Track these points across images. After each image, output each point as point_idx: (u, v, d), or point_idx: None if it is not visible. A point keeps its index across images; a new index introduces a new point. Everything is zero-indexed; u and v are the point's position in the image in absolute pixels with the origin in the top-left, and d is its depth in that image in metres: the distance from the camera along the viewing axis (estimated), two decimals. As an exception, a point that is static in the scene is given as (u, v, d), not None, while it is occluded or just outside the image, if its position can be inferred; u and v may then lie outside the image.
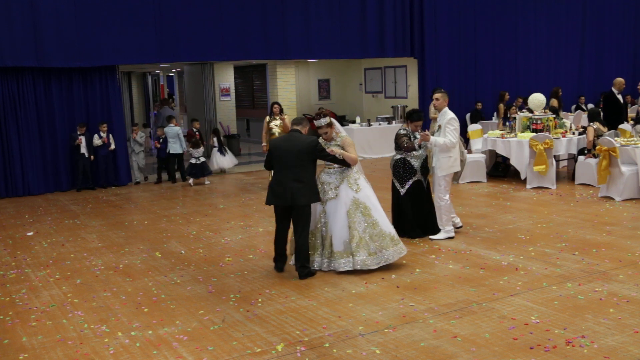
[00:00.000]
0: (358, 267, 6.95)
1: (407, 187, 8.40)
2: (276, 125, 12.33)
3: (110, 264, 7.98)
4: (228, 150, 15.25)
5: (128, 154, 14.29)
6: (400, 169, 8.41)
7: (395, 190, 8.52)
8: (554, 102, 15.40)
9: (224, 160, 14.95)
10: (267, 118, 12.45)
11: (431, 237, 8.44)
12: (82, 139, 13.22)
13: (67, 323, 5.99)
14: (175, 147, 14.23)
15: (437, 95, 8.42)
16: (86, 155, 13.32)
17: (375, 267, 6.97)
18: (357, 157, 7.16)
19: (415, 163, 8.37)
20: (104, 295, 6.76)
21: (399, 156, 8.45)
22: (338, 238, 7.01)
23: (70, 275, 7.55)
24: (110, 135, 13.64)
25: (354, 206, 7.00)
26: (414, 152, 8.35)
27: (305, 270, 6.97)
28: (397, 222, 8.47)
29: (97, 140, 13.38)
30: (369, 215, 7.01)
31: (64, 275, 7.54)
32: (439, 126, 8.30)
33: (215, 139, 14.86)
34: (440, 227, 8.45)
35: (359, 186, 7.09)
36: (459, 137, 8.28)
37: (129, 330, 5.73)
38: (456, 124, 8.16)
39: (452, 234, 8.44)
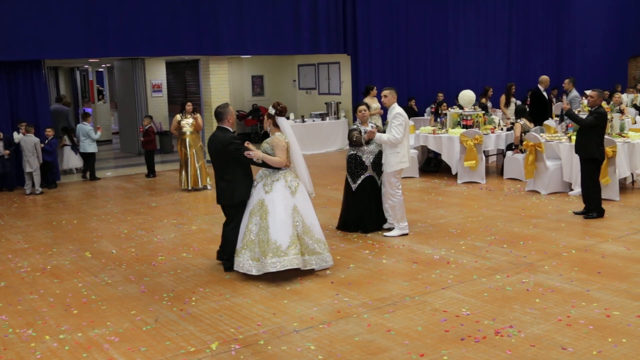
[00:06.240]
0: (240, 270, 6.81)
1: (358, 182, 8.49)
2: (188, 124, 12.26)
3: (37, 265, 7.72)
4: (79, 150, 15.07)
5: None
6: (352, 165, 8.50)
7: (347, 186, 8.61)
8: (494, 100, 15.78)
9: (76, 159, 14.72)
10: (179, 116, 12.36)
11: (385, 234, 8.47)
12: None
13: (-10, 328, 5.77)
14: (82, 145, 13.94)
15: (385, 92, 8.43)
16: (5, 156, 12.71)
17: (256, 273, 6.67)
18: (282, 161, 6.82)
19: (367, 159, 8.44)
20: (30, 298, 6.53)
21: (351, 152, 8.55)
22: (240, 236, 6.94)
23: (-6, 278, 7.28)
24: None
25: (257, 207, 6.81)
26: (366, 148, 8.42)
27: (227, 264, 7.06)
28: (346, 217, 8.66)
29: (17, 138, 12.81)
30: (264, 219, 6.74)
31: (-12, 278, 7.26)
32: (387, 122, 8.41)
33: (66, 137, 14.55)
34: (394, 224, 8.47)
35: (272, 188, 6.82)
36: (406, 132, 8.24)
37: (57, 334, 5.56)
38: (401, 119, 8.12)
39: (407, 231, 8.47)
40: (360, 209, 8.54)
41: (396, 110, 8.21)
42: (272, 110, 7.02)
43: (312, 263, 6.90)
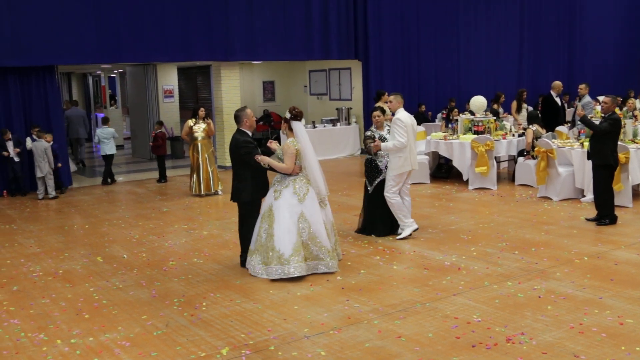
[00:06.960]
0: (251, 272, 7.11)
1: (374, 185, 8.65)
2: (200, 129, 12.25)
3: (49, 269, 7.76)
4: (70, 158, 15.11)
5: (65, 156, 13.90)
6: (368, 169, 8.73)
7: (366, 190, 8.81)
8: (514, 106, 15.78)
9: (70, 164, 14.78)
10: (191, 121, 12.33)
11: (397, 237, 8.52)
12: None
13: (2, 332, 5.79)
14: (109, 147, 14.08)
15: (389, 98, 8.61)
16: (15, 159, 12.77)
17: (266, 277, 6.91)
18: (288, 168, 6.93)
19: (381, 163, 8.60)
20: (42, 302, 6.57)
21: (368, 157, 8.77)
22: (253, 238, 7.15)
23: (7, 282, 7.30)
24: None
25: (267, 212, 7.01)
26: (380, 152, 8.57)
27: (242, 259, 7.43)
28: (365, 220, 8.85)
29: (29, 143, 12.88)
30: (270, 225, 6.90)
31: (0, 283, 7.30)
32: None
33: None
34: (401, 225, 8.55)
35: (280, 195, 6.97)
36: (410, 136, 8.27)
37: (69, 338, 5.58)
38: (401, 123, 8.20)
39: (415, 225, 8.56)
40: (374, 211, 8.69)
41: (396, 115, 8.33)
42: (287, 114, 7.15)
43: (315, 269, 7.03)
